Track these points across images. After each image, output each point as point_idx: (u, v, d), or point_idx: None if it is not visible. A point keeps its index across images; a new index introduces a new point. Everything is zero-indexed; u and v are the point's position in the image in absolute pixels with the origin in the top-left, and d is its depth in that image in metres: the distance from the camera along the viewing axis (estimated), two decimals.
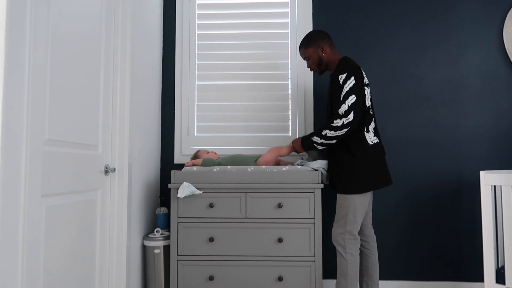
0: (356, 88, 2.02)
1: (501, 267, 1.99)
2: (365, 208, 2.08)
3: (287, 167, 2.26)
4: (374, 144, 2.08)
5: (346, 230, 2.05)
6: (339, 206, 2.09)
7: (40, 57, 1.44)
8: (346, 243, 2.05)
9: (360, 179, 2.03)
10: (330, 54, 2.19)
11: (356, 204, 2.04)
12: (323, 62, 2.20)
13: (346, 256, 2.04)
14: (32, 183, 1.38)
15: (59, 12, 1.56)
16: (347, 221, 2.05)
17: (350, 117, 2.00)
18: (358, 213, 2.05)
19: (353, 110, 2.00)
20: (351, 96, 2.01)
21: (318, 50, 2.19)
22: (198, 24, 2.80)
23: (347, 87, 2.02)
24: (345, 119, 2.00)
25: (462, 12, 2.69)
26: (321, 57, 2.19)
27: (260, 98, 2.74)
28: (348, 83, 2.02)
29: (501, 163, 2.61)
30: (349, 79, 2.03)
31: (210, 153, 2.47)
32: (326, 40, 2.20)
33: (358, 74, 2.05)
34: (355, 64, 2.10)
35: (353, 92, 2.01)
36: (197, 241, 2.24)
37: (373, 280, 2.20)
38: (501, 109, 2.63)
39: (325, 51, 2.19)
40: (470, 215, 2.61)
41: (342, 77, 2.04)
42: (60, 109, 1.58)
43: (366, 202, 2.07)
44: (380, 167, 2.09)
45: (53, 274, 1.53)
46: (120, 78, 2.09)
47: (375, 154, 2.07)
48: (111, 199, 2.03)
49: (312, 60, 2.22)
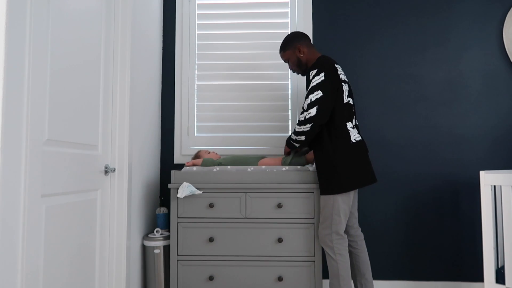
0: (324, 84, 2.02)
1: (501, 267, 1.99)
2: (349, 207, 2.06)
3: (287, 167, 2.26)
4: (356, 142, 2.07)
5: (333, 231, 2.04)
6: (323, 207, 2.07)
7: (40, 57, 1.44)
8: (334, 244, 2.04)
9: (341, 179, 2.01)
10: (308, 54, 2.20)
11: (340, 204, 2.03)
12: (302, 62, 2.21)
13: (335, 257, 2.04)
14: (32, 183, 1.38)
15: (59, 12, 1.56)
16: (332, 222, 2.04)
17: (312, 112, 2.02)
18: (342, 213, 2.04)
19: (316, 105, 2.01)
20: (316, 92, 2.03)
21: (295, 51, 2.20)
22: (198, 24, 2.80)
23: (314, 83, 2.05)
24: (307, 113, 2.03)
25: (462, 12, 2.69)
26: (299, 58, 2.20)
27: (260, 98, 2.74)
28: (316, 78, 2.04)
29: (501, 163, 2.61)
30: (318, 75, 2.04)
31: (211, 154, 2.47)
32: (303, 41, 2.20)
33: (329, 71, 2.05)
34: (330, 62, 2.09)
35: (319, 88, 2.02)
36: (197, 241, 2.24)
37: (366, 279, 2.19)
38: (501, 109, 2.63)
39: (302, 51, 2.19)
40: (470, 215, 2.61)
41: (313, 73, 2.07)
42: (60, 109, 1.58)
43: (349, 201, 2.06)
44: (363, 165, 2.06)
45: (53, 274, 1.53)
46: (120, 78, 2.09)
47: (358, 151, 2.06)
48: (111, 199, 2.03)
49: (291, 62, 2.24)
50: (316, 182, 2.22)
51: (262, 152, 2.70)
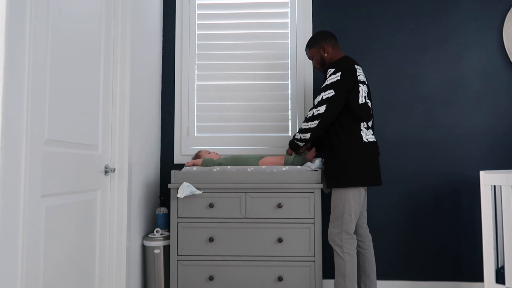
0: (338, 84, 2.04)
1: (501, 267, 1.99)
2: (360, 206, 2.08)
3: (287, 167, 2.26)
4: (368, 142, 2.09)
5: (343, 230, 2.06)
6: (334, 206, 2.09)
7: (40, 57, 1.44)
8: (343, 243, 2.05)
9: (351, 173, 2.03)
10: (333, 54, 2.23)
11: (351, 203, 2.05)
12: (325, 61, 2.24)
13: (344, 256, 2.05)
14: (32, 183, 1.38)
15: (59, 12, 1.56)
16: (343, 221, 2.05)
17: (321, 109, 2.04)
18: (353, 212, 2.05)
19: (326, 103, 2.04)
20: (329, 90, 2.05)
21: (320, 50, 2.24)
22: (198, 24, 2.80)
23: (328, 81, 2.07)
24: (315, 110, 2.07)
25: (462, 12, 2.69)
26: (323, 57, 2.23)
27: (260, 98, 2.74)
28: (332, 77, 2.07)
29: (501, 163, 2.61)
30: (335, 74, 2.07)
31: (211, 154, 2.47)
32: (329, 41, 2.23)
33: (347, 71, 2.06)
34: (350, 62, 2.10)
35: (333, 87, 2.04)
36: (197, 241, 2.24)
37: (371, 280, 2.20)
38: (500, 109, 2.63)
39: (327, 51, 2.22)
40: (470, 215, 2.61)
41: (330, 72, 2.10)
42: (60, 109, 1.58)
43: (360, 200, 2.07)
44: (372, 166, 2.09)
45: (53, 274, 1.53)
46: (120, 78, 2.09)
47: (369, 151, 2.08)
48: (111, 199, 2.03)
49: (315, 60, 2.28)
50: (316, 182, 2.21)
51: (262, 152, 2.70)
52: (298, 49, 2.74)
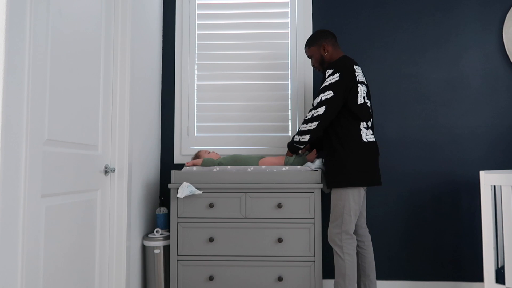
0: (337, 85, 2.04)
1: (501, 267, 1.99)
2: (359, 207, 2.08)
3: (287, 167, 2.26)
4: (368, 142, 2.09)
5: (343, 230, 2.06)
6: (334, 206, 2.09)
7: (40, 57, 1.44)
8: (343, 243, 2.05)
9: (351, 173, 2.03)
10: (332, 53, 2.23)
11: (351, 203, 2.05)
12: (325, 60, 2.24)
13: (343, 256, 2.05)
14: (32, 183, 1.38)
15: (59, 12, 1.56)
16: (343, 221, 2.05)
17: (320, 111, 2.05)
18: (353, 213, 2.06)
19: (326, 104, 2.04)
20: (328, 91, 2.05)
21: (320, 49, 2.24)
22: (198, 24, 2.80)
23: (327, 82, 2.07)
24: (315, 112, 2.07)
25: (462, 12, 2.69)
26: (322, 55, 2.23)
27: (260, 98, 2.74)
28: (331, 78, 2.07)
29: (501, 163, 2.61)
30: (333, 75, 2.07)
31: (211, 154, 2.47)
32: (329, 40, 2.23)
33: (346, 72, 2.06)
34: (349, 62, 2.10)
35: (331, 88, 2.05)
36: (197, 241, 2.24)
37: (370, 280, 2.20)
38: (501, 109, 2.63)
39: (327, 50, 2.22)
40: (470, 215, 2.61)
41: (329, 72, 2.10)
42: (60, 109, 1.58)
43: (360, 200, 2.07)
44: (372, 166, 2.09)
45: (53, 274, 1.53)
46: (120, 78, 2.09)
47: (368, 151, 2.08)
48: (111, 199, 2.03)
49: (315, 59, 2.27)
50: (316, 182, 2.22)
51: (262, 152, 2.70)
52: (298, 49, 2.74)
